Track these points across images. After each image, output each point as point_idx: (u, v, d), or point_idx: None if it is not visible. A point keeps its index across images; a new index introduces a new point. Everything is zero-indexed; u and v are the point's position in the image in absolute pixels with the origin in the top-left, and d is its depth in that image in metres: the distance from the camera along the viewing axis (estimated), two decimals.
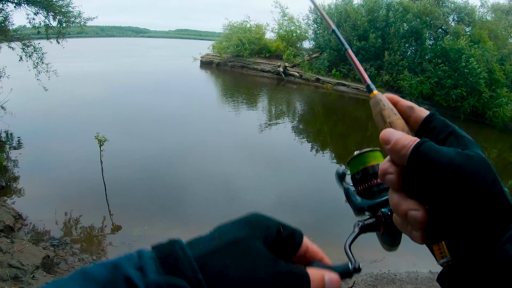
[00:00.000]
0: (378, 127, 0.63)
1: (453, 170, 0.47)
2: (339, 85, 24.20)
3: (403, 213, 0.52)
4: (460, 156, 0.48)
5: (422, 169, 0.49)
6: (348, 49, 0.85)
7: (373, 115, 0.66)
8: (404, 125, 0.60)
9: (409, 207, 0.51)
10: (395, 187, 0.55)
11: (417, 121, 0.61)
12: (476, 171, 0.47)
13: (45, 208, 6.95)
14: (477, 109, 19.92)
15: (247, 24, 30.00)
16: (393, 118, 0.62)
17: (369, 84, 0.72)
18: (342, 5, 26.24)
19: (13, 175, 8.33)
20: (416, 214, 0.51)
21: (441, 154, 0.48)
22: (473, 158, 0.48)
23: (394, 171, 0.54)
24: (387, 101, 0.65)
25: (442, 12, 24.16)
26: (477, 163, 0.48)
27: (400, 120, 0.61)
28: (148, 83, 22.52)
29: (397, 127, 0.60)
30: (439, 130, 0.57)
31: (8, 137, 10.74)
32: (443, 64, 21.21)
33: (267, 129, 14.10)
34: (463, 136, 0.55)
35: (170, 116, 14.60)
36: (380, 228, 0.77)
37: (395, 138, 0.54)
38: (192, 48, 35.10)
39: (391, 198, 0.55)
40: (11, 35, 10.62)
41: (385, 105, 0.64)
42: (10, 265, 4.56)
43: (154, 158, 10.00)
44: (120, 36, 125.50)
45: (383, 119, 0.62)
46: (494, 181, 0.47)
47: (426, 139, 0.51)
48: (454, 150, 0.50)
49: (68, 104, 15.17)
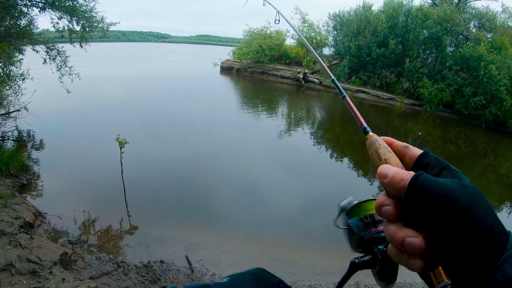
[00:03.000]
0: (374, 165, 0.68)
1: (451, 197, 0.50)
2: (359, 92, 24.08)
3: (400, 241, 0.55)
4: (456, 185, 0.52)
5: (421, 199, 0.52)
6: (346, 96, 0.98)
7: (369, 154, 0.71)
8: (398, 162, 0.65)
9: (407, 234, 0.54)
10: (392, 218, 0.58)
11: (412, 158, 0.65)
12: (471, 198, 0.51)
13: (64, 206, 7.08)
14: (499, 117, 19.33)
15: (267, 30, 30.13)
16: (388, 155, 0.66)
17: (365, 126, 0.80)
18: (362, 11, 26.12)
19: (34, 174, 8.52)
20: (414, 240, 0.53)
21: (438, 184, 0.52)
22: (468, 187, 0.52)
23: (390, 203, 0.58)
24: (382, 141, 0.71)
25: (463, 18, 23.79)
26: (471, 192, 0.52)
27: (395, 157, 0.66)
28: (169, 87, 22.85)
29: (392, 163, 0.64)
30: (433, 165, 0.61)
31: (30, 137, 11.00)
32: (463, 71, 20.84)
33: (286, 135, 14.09)
34: (456, 170, 0.59)
35: (190, 120, 14.75)
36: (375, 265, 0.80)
37: (392, 172, 0.58)
38: (212, 54, 35.30)
39: (388, 229, 0.58)
40: (35, 39, 10.87)
41: (381, 144, 0.69)
42: (28, 260, 4.66)
43: (173, 161, 10.12)
44: (141, 41, 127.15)
45: (379, 156, 0.67)
46: (487, 209, 0.51)
47: (421, 171, 0.55)
48: (450, 180, 0.54)
49: (90, 106, 15.49)
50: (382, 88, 23.72)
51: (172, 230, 6.76)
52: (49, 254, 4.96)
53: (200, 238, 6.59)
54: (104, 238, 6.36)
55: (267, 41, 28.81)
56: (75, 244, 5.90)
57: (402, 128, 18.40)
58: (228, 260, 6.04)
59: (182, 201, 7.98)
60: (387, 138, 0.71)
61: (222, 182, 9.13)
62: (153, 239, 6.37)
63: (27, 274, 4.42)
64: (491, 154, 15.28)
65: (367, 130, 0.79)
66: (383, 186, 0.60)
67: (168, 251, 6.02)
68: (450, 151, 14.65)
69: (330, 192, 9.37)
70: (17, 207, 6.20)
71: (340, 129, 16.82)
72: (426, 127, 18.42)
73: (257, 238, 6.84)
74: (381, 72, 23.71)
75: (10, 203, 6.26)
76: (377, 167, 0.64)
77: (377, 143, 0.70)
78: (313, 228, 7.32)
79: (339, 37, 28.24)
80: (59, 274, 4.62)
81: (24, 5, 10.31)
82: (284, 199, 8.53)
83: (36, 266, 4.62)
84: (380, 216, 0.60)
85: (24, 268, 4.51)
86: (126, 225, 6.79)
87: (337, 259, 6.05)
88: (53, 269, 4.70)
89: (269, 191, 8.95)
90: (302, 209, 8.15)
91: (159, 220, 7.08)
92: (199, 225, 7.08)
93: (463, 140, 16.93)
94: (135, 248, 6.11)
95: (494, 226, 0.50)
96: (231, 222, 7.34)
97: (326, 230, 7.05)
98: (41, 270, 4.58)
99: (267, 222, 7.43)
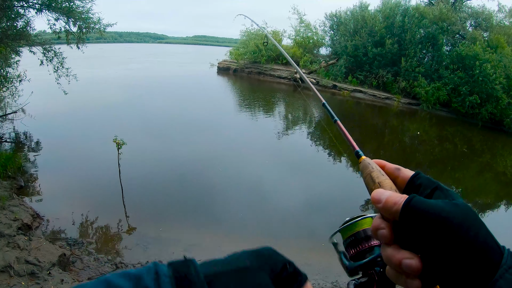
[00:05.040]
0: (368, 188, 0.69)
1: (444, 218, 0.52)
2: (356, 91, 24.12)
3: (397, 263, 0.56)
4: (448, 205, 0.54)
5: (415, 221, 0.54)
6: (337, 120, 1.03)
7: (363, 177, 0.72)
8: (392, 185, 0.67)
9: (403, 256, 0.56)
10: (388, 241, 0.59)
11: (404, 180, 0.67)
12: (463, 218, 0.52)
13: (62, 208, 7.09)
14: (495, 116, 19.39)
15: (264, 30, 30.01)
16: (382, 178, 0.68)
17: (357, 150, 0.82)
18: (358, 11, 26.16)
19: (31, 176, 8.51)
20: (411, 262, 0.54)
21: (430, 206, 0.54)
22: (460, 206, 0.54)
23: (386, 226, 0.59)
24: (375, 165, 0.72)
25: (459, 17, 23.87)
26: (463, 211, 0.53)
27: (388, 180, 0.68)
28: (166, 88, 22.77)
29: (386, 186, 0.66)
30: (425, 186, 0.62)
31: (27, 138, 10.98)
32: (459, 70, 20.91)
33: (284, 135, 14.09)
34: (447, 189, 0.59)
35: (187, 120, 14.76)
36: (373, 286, 0.81)
37: (386, 196, 0.59)
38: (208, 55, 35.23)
39: (384, 251, 0.59)
40: (32, 40, 10.85)
41: (374, 168, 0.71)
42: (27, 262, 4.67)
43: (171, 161, 10.12)
44: (138, 42, 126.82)
45: (373, 180, 0.69)
46: (480, 226, 0.53)
47: (414, 194, 0.57)
48: (442, 201, 0.55)
49: (87, 107, 15.46)
50: (379, 87, 23.76)
51: (170, 230, 6.77)
52: (47, 256, 4.96)
53: (198, 238, 6.60)
54: (102, 239, 6.37)
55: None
56: (73, 246, 5.90)
57: (399, 127, 18.44)
58: None
59: (180, 201, 7.98)
60: (379, 160, 0.73)
61: (220, 182, 9.14)
62: (151, 240, 6.38)
63: (25, 276, 4.43)
64: (488, 153, 15.35)
65: (359, 154, 0.80)
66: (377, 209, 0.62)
67: (166, 252, 6.02)
68: (447, 150, 14.70)
69: (328, 192, 9.40)
70: (15, 209, 6.19)
71: (337, 129, 16.77)
72: (423, 126, 18.46)
73: (255, 238, 6.85)
74: (378, 72, 23.73)
75: (8, 205, 6.26)
76: (371, 191, 0.66)
77: (370, 167, 0.71)
78: (311, 228, 7.33)
79: (336, 37, 28.28)
80: (57, 276, 4.63)
81: (21, 7, 10.30)
82: (282, 199, 8.54)
83: (35, 267, 4.63)
84: (376, 239, 0.63)
85: (23, 269, 4.51)
86: (124, 226, 6.79)
87: (334, 259, 6.04)
88: (52, 270, 4.71)
89: (267, 191, 8.96)
90: (300, 209, 8.17)
91: (157, 220, 7.09)
92: (197, 226, 7.08)
93: (459, 138, 16.98)
94: (133, 249, 6.12)
95: (488, 243, 0.51)
96: (229, 222, 7.35)
97: (323, 230, 7.08)
98: (39, 272, 4.58)
99: (265, 222, 7.44)
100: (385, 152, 13.42)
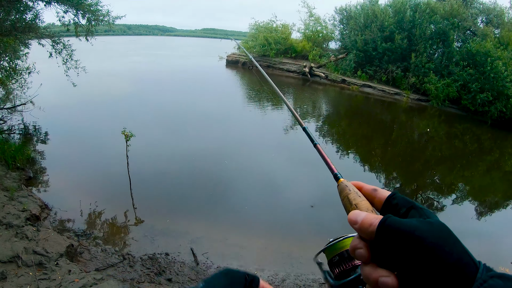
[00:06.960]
0: (345, 210, 0.72)
1: (417, 236, 0.53)
2: (365, 86, 24.00)
3: (374, 281, 0.58)
4: (422, 224, 0.55)
5: (389, 240, 0.56)
6: (317, 144, 1.06)
7: (341, 199, 0.76)
8: (368, 205, 0.69)
9: (380, 274, 0.57)
10: (365, 260, 0.61)
11: (381, 200, 0.69)
12: (437, 235, 0.54)
13: (70, 199, 7.15)
14: (505, 114, 19.08)
15: (273, 24, 29.97)
16: (358, 200, 0.71)
17: (336, 173, 0.85)
18: (369, 5, 25.95)
19: (40, 167, 8.59)
20: (387, 280, 0.56)
21: (404, 225, 0.55)
22: (434, 224, 0.55)
23: (363, 246, 0.61)
24: (352, 187, 0.76)
25: (470, 13, 23.56)
26: (437, 228, 0.55)
27: (365, 201, 0.71)
28: (175, 81, 22.81)
29: (362, 208, 0.68)
30: (401, 205, 0.64)
31: (36, 130, 11.07)
32: (470, 67, 20.64)
33: (292, 129, 14.04)
34: (422, 208, 0.62)
35: (196, 113, 14.79)
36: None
37: (362, 218, 0.62)
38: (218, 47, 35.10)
39: (363, 270, 0.61)
40: (41, 32, 10.88)
41: (351, 190, 0.74)
42: (35, 252, 4.71)
43: (179, 153, 10.17)
44: (147, 34, 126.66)
45: (350, 202, 0.72)
46: (454, 243, 0.54)
47: (389, 215, 0.59)
48: (416, 220, 0.57)
49: (96, 100, 15.53)
50: (389, 83, 23.58)
51: (177, 222, 6.81)
52: (55, 246, 5.01)
53: (205, 231, 6.62)
54: (109, 230, 6.42)
55: (273, 35, 28.62)
56: (81, 237, 5.95)
57: (408, 123, 18.31)
58: (232, 253, 6.08)
59: (187, 193, 8.03)
60: (357, 182, 0.77)
61: (228, 175, 9.17)
62: (158, 232, 6.43)
63: (33, 266, 4.47)
64: (497, 151, 15.18)
65: (338, 176, 0.83)
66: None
67: (173, 244, 6.06)
68: (455, 147, 14.58)
69: (334, 187, 9.36)
70: (24, 200, 6.26)
71: (346, 124, 16.77)
72: (432, 123, 18.30)
73: (261, 231, 6.87)
74: (388, 67, 23.54)
75: (17, 196, 6.32)
76: (348, 212, 0.68)
77: (347, 189, 0.75)
78: (317, 223, 7.33)
79: (345, 31, 28.06)
80: (65, 266, 4.67)
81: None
82: (289, 193, 8.55)
83: (43, 258, 4.67)
84: (355, 258, 0.64)
85: (31, 260, 4.56)
86: (131, 217, 6.84)
87: None
88: (59, 261, 4.75)
89: (275, 185, 8.96)
90: (306, 204, 8.14)
91: (165, 212, 7.14)
92: (204, 218, 7.12)
93: (469, 136, 16.81)
94: (141, 240, 6.16)
95: (463, 259, 0.52)
96: (236, 215, 7.37)
97: (328, 226, 7.07)
98: (47, 262, 4.63)
99: (272, 216, 7.46)
100: (393, 148, 13.34)
